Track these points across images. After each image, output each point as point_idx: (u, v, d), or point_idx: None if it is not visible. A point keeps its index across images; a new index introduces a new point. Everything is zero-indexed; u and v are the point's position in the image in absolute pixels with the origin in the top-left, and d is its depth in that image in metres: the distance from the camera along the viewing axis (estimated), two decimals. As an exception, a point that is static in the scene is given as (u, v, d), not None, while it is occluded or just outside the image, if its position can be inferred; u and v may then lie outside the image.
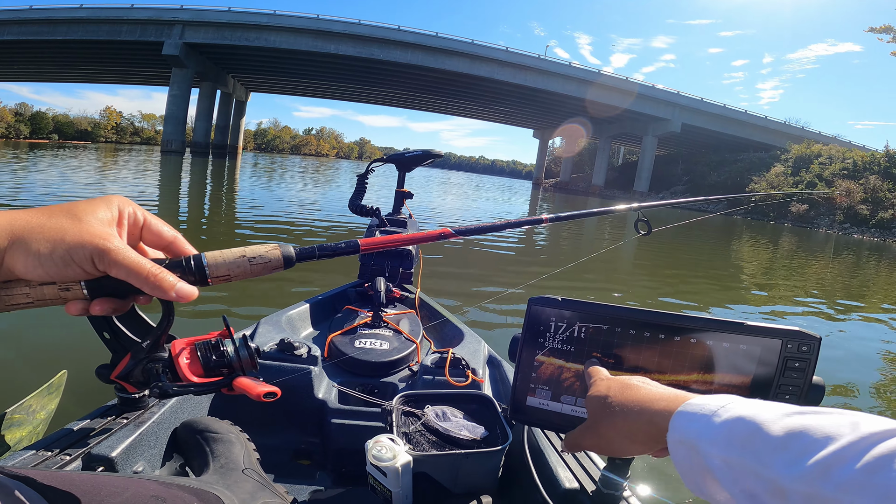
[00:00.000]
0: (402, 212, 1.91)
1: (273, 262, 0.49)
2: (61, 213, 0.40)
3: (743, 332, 0.56)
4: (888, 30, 22.61)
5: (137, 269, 0.40)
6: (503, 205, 17.48)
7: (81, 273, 0.40)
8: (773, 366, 0.55)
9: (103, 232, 0.40)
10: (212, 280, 0.47)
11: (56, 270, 0.38)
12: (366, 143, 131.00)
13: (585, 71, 33.59)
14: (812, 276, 7.41)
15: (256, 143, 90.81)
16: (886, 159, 24.87)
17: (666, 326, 0.58)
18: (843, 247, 14.46)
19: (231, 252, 0.48)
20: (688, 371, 0.58)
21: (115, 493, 0.49)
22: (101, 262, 0.39)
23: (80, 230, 0.39)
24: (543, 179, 51.09)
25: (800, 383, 0.55)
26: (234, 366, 0.54)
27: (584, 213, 0.91)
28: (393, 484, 0.70)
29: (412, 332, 1.33)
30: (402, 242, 0.62)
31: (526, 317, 0.63)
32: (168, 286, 0.42)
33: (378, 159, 1.75)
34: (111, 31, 30.15)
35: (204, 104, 34.81)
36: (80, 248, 0.38)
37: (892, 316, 4.95)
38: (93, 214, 0.41)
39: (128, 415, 0.80)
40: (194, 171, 16.81)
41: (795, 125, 39.29)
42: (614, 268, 6.17)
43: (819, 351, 0.55)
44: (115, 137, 64.84)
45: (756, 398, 0.53)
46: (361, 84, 41.21)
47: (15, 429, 0.91)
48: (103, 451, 0.71)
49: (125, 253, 0.40)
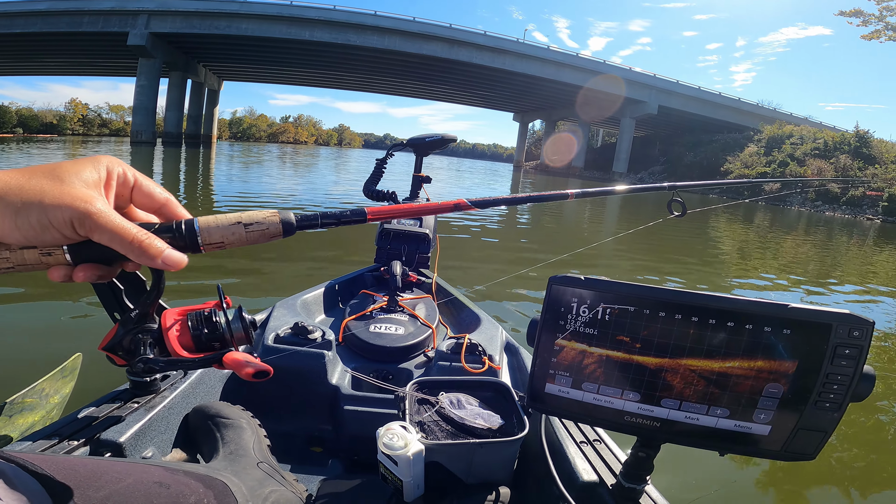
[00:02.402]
0: (420, 196, 1.87)
1: (271, 229, 0.45)
2: (43, 173, 0.37)
3: (787, 314, 0.52)
4: (858, 13, 23.02)
5: (122, 233, 0.38)
6: (484, 189, 17.43)
7: (61, 238, 0.37)
8: (822, 353, 0.51)
9: (85, 194, 0.37)
10: (204, 247, 0.43)
11: (34, 234, 0.36)
12: (345, 129, 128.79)
13: (563, 54, 33.63)
14: (797, 254, 7.60)
15: (232, 133, 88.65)
16: (856, 139, 25.51)
17: (701, 308, 0.54)
18: (816, 223, 14.89)
19: (226, 217, 0.44)
20: (725, 357, 0.54)
21: (116, 478, 0.47)
22: (81, 227, 0.37)
23: (60, 192, 0.36)
24: (524, 162, 51.28)
25: (850, 372, 0.51)
26: (226, 339, 0.50)
27: (611, 191, 0.85)
28: (404, 473, 0.68)
29: (428, 317, 1.30)
30: (411, 212, 0.58)
31: (546, 297, 0.59)
32: (155, 252, 0.39)
33: (398, 144, 1.70)
34: (71, 22, 28.77)
35: (174, 94, 33.68)
36: (58, 211, 0.36)
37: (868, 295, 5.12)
38: (77, 175, 0.38)
39: (138, 399, 0.79)
40: (167, 162, 16.41)
41: (768, 107, 40.02)
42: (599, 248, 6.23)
43: (871, 337, 0.50)
44: (82, 130, 62.47)
45: (801, 387, 0.52)
46: (338, 70, 40.49)
47: (27, 413, 0.90)
48: (112, 437, 0.70)
49: (108, 216, 0.38)
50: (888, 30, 22.45)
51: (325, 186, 11.23)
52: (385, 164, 1.68)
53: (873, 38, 23.32)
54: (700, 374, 0.55)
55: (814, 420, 0.53)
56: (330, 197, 9.46)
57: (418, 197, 1.86)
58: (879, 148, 24.98)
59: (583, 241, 6.32)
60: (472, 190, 15.76)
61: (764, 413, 0.54)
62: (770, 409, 0.54)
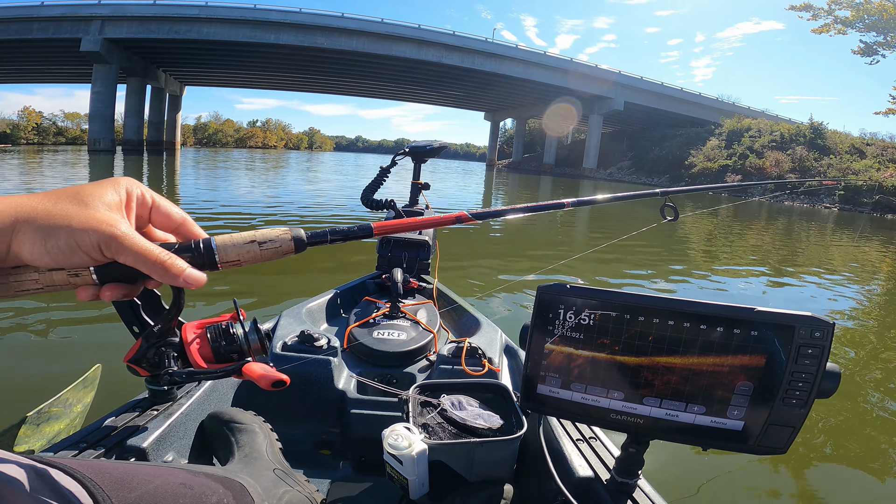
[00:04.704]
0: (419, 203, 1.88)
1: (284, 247, 0.48)
2: (67, 197, 0.39)
3: (754, 317, 0.56)
4: (808, 7, 23.97)
5: (146, 254, 0.40)
6: (459, 191, 17.52)
7: (88, 260, 0.39)
8: (787, 352, 0.55)
9: (109, 217, 0.39)
10: (221, 265, 0.45)
11: (63, 257, 0.38)
12: (315, 132, 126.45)
13: (531, 53, 33.94)
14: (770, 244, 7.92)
15: (197, 138, 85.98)
16: (811, 131, 26.66)
17: (675, 312, 0.59)
18: (777, 213, 15.52)
19: (241, 236, 0.47)
20: (699, 356, 0.58)
21: (146, 480, 0.50)
22: (108, 249, 0.39)
23: (86, 216, 0.38)
24: (497, 161, 51.53)
25: (813, 370, 0.54)
26: (243, 350, 0.53)
27: (608, 199, 0.90)
28: (409, 472, 0.72)
29: (429, 322, 1.34)
30: (415, 226, 0.62)
31: (535, 305, 0.64)
32: (177, 272, 0.41)
33: (401, 152, 1.70)
34: (20, 29, 27.40)
35: (133, 100, 32.37)
36: (85, 235, 0.37)
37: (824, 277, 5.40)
38: (99, 199, 0.40)
39: (157, 407, 0.83)
40: (128, 170, 15.90)
41: (727, 101, 41.45)
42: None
43: (832, 337, 0.53)
44: (37, 139, 59.65)
45: (769, 384, 0.56)
46: (306, 73, 39.75)
47: (53, 421, 0.94)
48: (135, 443, 0.74)
49: (132, 239, 0.39)
50: (837, 23, 23.37)
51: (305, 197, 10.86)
52: (388, 172, 1.67)
53: (823, 32, 24.13)
54: (676, 373, 0.60)
55: (782, 416, 0.57)
56: (311, 208, 9.27)
57: (417, 203, 1.87)
58: (834, 139, 26.19)
59: (577, 246, 6.48)
60: (448, 190, 15.80)
61: (737, 409, 0.59)
62: (742, 405, 0.58)
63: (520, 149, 49.79)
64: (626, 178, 34.39)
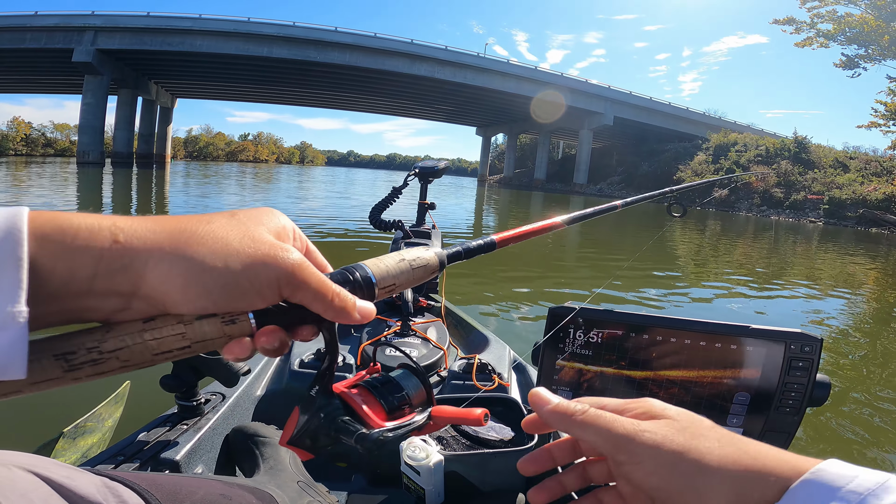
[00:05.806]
0: (426, 222, 1.89)
1: (431, 266, 0.42)
2: (218, 219, 0.30)
3: (748, 334, 0.61)
4: (791, 21, 24.36)
5: (324, 289, 0.31)
6: (455, 208, 17.68)
7: (257, 300, 0.29)
8: (779, 366, 0.60)
9: (285, 246, 0.31)
10: (379, 292, 0.38)
11: (225, 299, 0.28)
12: (307, 146, 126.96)
13: (523, 68, 34.52)
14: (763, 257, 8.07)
15: (188, 152, 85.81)
16: (795, 145, 27.26)
17: (677, 330, 0.64)
18: (763, 228, 15.81)
19: (390, 258, 0.40)
20: (700, 370, 0.64)
21: (191, 492, 0.54)
22: (288, 286, 0.30)
23: (261, 243, 0.29)
24: (488, 176, 51.90)
25: (804, 381, 0.59)
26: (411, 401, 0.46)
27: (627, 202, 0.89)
28: (426, 482, 0.76)
29: (439, 339, 1.37)
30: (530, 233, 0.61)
31: (546, 325, 0.69)
32: (351, 306, 0.33)
33: (411, 173, 1.72)
34: (13, 38, 27.52)
35: (123, 112, 32.27)
36: (264, 269, 0.29)
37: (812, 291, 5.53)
38: (264, 225, 0.31)
39: (187, 421, 0.87)
40: (117, 183, 15.73)
41: (713, 115, 42.37)
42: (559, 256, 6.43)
43: (821, 351, 0.59)
44: (25, 150, 59.21)
45: (764, 395, 0.61)
46: (299, 87, 40.03)
47: (88, 435, 0.98)
48: (169, 456, 0.78)
49: (312, 270, 0.31)
50: (819, 37, 23.80)
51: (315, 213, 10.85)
52: (400, 193, 1.65)
53: (806, 46, 24.32)
54: (679, 385, 0.66)
55: (778, 423, 0.62)
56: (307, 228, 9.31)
57: (424, 223, 1.89)
58: (818, 153, 26.84)
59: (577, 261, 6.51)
60: (445, 208, 15.91)
61: (736, 418, 0.64)
62: (740, 414, 0.63)
63: (511, 164, 50.23)
64: (616, 194, 34.70)
